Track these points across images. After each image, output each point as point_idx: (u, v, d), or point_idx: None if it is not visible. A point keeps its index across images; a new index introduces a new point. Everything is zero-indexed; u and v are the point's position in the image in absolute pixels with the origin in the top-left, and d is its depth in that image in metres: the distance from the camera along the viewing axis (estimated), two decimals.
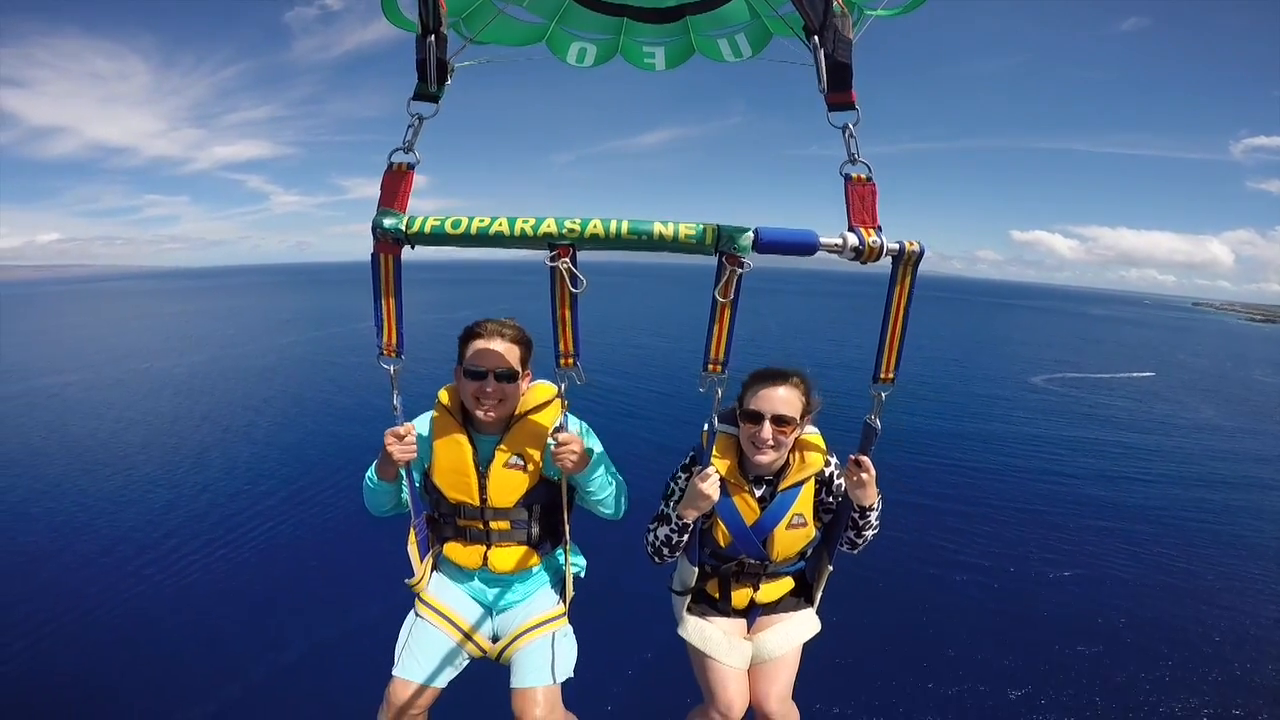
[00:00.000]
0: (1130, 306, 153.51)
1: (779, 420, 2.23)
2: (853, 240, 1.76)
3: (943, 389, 24.67)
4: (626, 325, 40.88)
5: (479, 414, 2.30)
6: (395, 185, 1.87)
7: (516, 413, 2.38)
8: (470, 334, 2.33)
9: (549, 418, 2.36)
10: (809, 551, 2.49)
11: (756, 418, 2.24)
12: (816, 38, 1.77)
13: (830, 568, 2.47)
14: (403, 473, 2.28)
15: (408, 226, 1.80)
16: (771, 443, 2.24)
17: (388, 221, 1.81)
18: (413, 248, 1.86)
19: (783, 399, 2.24)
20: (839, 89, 1.82)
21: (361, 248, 1.98)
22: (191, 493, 12.92)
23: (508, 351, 2.29)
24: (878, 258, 1.78)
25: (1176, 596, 9.73)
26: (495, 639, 2.49)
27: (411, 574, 2.42)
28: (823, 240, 1.77)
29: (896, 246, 1.78)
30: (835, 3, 1.75)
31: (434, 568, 2.55)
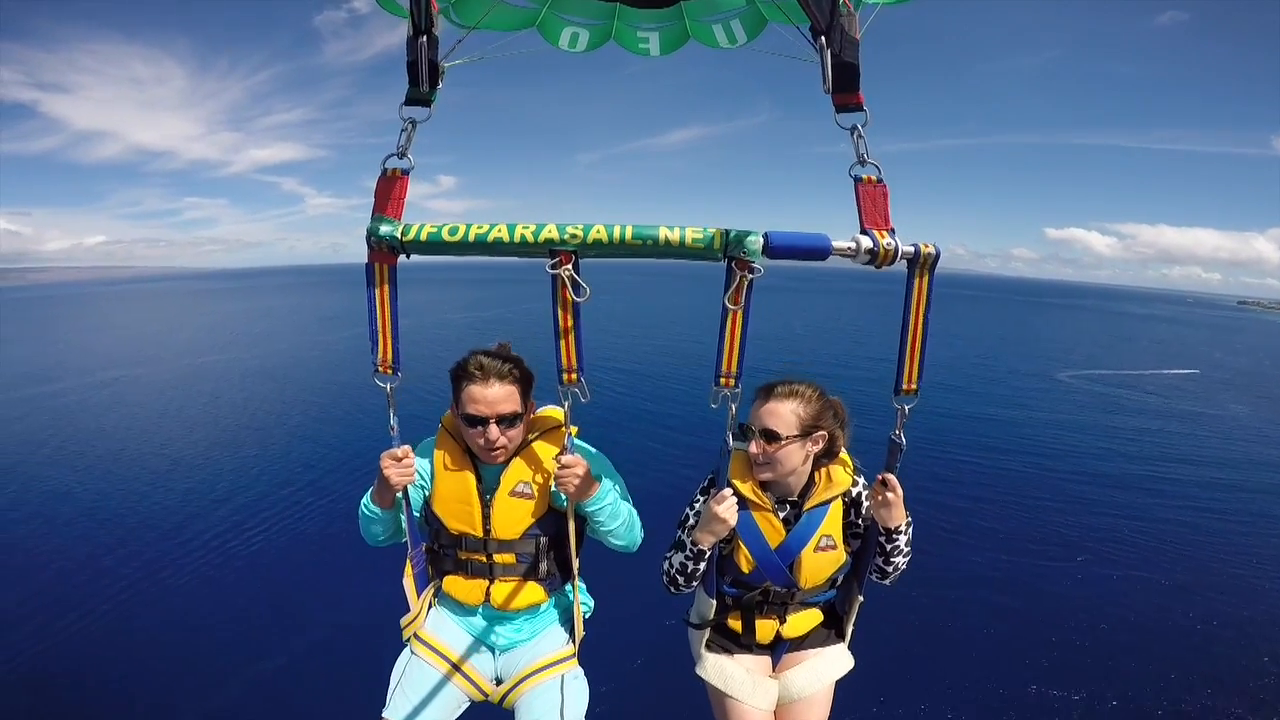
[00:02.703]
0: (1171, 305, 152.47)
1: (766, 435, 2.15)
2: (866, 244, 1.75)
3: (964, 384, 24.80)
4: (642, 332, 40.61)
5: (484, 457, 2.24)
6: (390, 191, 1.85)
7: (524, 439, 2.31)
8: (463, 375, 2.19)
9: (558, 443, 2.23)
10: (839, 580, 2.39)
11: (749, 433, 2.19)
12: (823, 38, 1.75)
13: (861, 598, 2.35)
14: (400, 499, 2.20)
15: (403, 234, 1.78)
16: (763, 459, 2.16)
17: (384, 229, 1.79)
18: (408, 256, 1.84)
19: (771, 412, 2.16)
20: (847, 90, 1.81)
21: None
22: (227, 482, 13.73)
23: (507, 396, 2.16)
24: (892, 261, 1.76)
25: (1187, 586, 9.73)
26: (498, 681, 2.38)
27: (407, 609, 2.33)
28: (835, 244, 1.75)
29: (911, 249, 1.76)
30: (842, 1, 1.73)
31: (433, 603, 2.45)
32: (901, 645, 7.89)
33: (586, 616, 2.46)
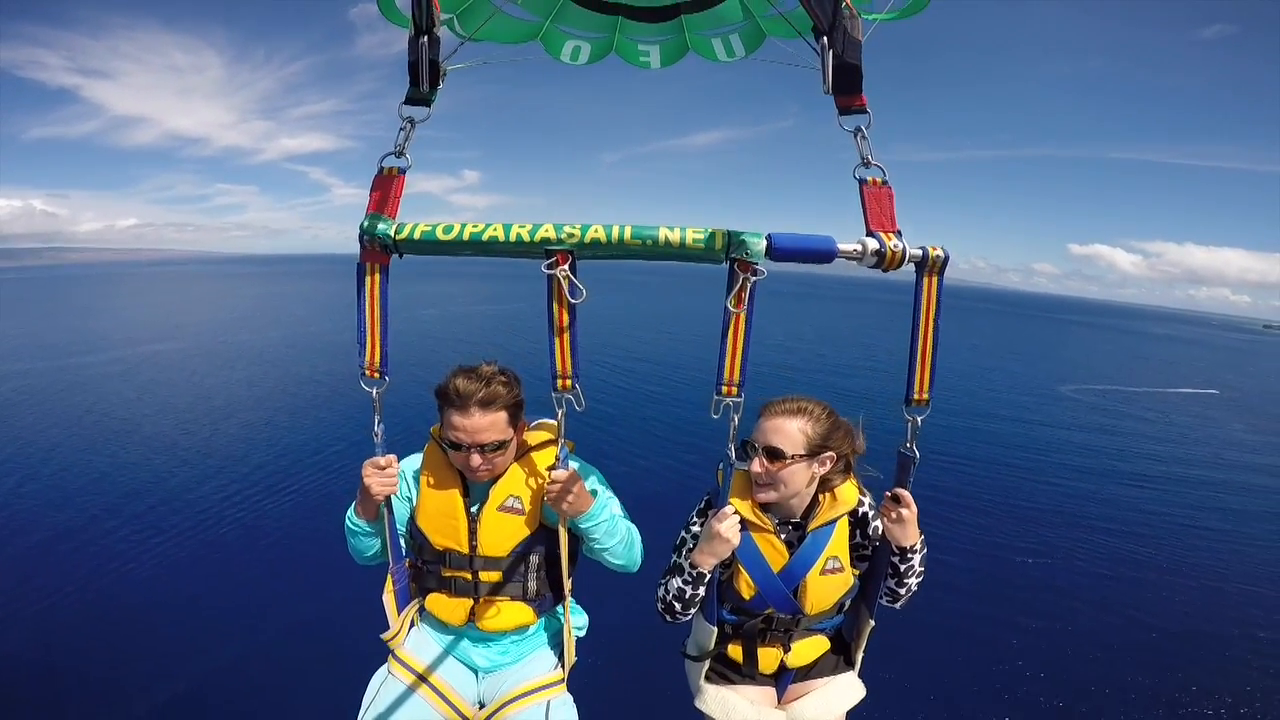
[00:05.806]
0: (1194, 326, 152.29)
1: (770, 453, 2.05)
2: (873, 245, 1.74)
3: (968, 392, 25.05)
4: (643, 336, 40.60)
5: (469, 476, 2.18)
6: (386, 190, 1.86)
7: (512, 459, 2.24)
8: (444, 399, 2.10)
9: (551, 457, 2.13)
10: (846, 604, 2.27)
11: (751, 450, 2.08)
12: (825, 39, 1.78)
13: (872, 622, 2.22)
14: (384, 511, 2.13)
15: (397, 233, 1.78)
16: (765, 478, 2.07)
17: (379, 226, 1.80)
18: (400, 256, 1.84)
19: (777, 429, 2.06)
20: (849, 91, 1.83)
21: None
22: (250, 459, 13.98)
23: (490, 425, 2.06)
24: (900, 264, 1.75)
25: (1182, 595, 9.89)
26: (481, 705, 2.29)
27: (386, 627, 2.25)
28: (841, 247, 1.75)
29: (919, 252, 1.75)
30: (845, 3, 1.77)
31: (414, 621, 2.36)
32: (918, 672, 7.65)
33: (579, 637, 2.37)
